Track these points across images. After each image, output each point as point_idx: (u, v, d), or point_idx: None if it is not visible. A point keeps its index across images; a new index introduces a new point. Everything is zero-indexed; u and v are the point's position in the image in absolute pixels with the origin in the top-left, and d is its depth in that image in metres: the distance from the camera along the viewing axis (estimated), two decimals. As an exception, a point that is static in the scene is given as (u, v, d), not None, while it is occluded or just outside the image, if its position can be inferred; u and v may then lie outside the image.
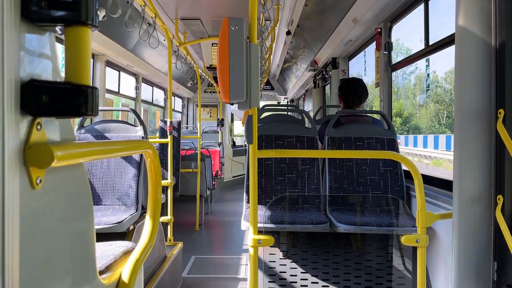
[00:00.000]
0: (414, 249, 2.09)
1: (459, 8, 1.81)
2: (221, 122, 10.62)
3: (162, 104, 9.09)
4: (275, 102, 13.10)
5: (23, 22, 0.69)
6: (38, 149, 0.71)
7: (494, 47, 1.76)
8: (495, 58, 1.76)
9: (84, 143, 0.88)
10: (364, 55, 5.00)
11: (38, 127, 0.73)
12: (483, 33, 1.78)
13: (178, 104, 10.90)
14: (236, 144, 12.62)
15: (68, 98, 0.72)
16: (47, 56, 0.78)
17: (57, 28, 0.76)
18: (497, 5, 1.75)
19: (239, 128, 15.90)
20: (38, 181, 0.73)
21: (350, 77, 5.68)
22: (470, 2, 1.78)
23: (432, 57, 3.29)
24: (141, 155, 3.14)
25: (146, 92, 8.09)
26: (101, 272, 1.17)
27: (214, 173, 8.03)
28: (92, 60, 5.06)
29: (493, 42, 1.76)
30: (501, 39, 1.73)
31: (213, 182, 7.68)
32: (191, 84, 9.10)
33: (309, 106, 9.59)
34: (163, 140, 4.66)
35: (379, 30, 4.07)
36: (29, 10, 0.68)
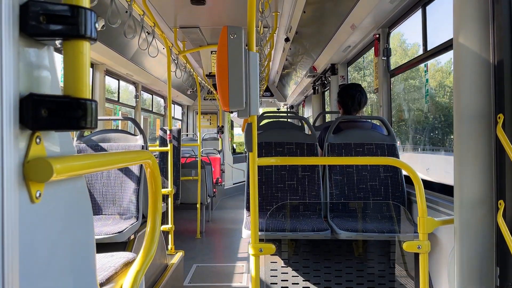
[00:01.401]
0: (416, 255, 2.08)
1: (456, 13, 1.82)
2: (221, 129, 10.62)
3: (162, 111, 9.11)
4: (274, 109, 13.12)
5: (21, 36, 0.69)
6: (38, 163, 0.70)
7: (492, 51, 1.77)
8: (493, 62, 1.77)
9: (83, 155, 0.88)
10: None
11: (37, 140, 0.73)
12: (481, 38, 1.78)
13: (178, 112, 10.91)
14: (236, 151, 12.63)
15: (67, 112, 0.72)
16: (46, 70, 0.79)
17: (56, 42, 0.76)
18: (494, 10, 1.76)
19: (239, 136, 15.91)
20: (37, 195, 0.72)
21: (349, 83, 5.69)
22: (467, 7, 1.79)
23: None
24: (141, 164, 3.14)
25: (146, 100, 8.10)
26: (102, 285, 1.16)
27: (214, 180, 8.02)
28: (91, 69, 5.08)
29: (491, 46, 1.77)
30: (499, 43, 1.74)
31: (214, 190, 7.67)
32: (190, 92, 9.12)
33: (308, 112, 9.61)
34: (163, 149, 4.66)
35: (377, 36, 4.09)
36: (28, 25, 0.69)
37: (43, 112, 0.70)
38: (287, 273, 2.85)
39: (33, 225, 0.73)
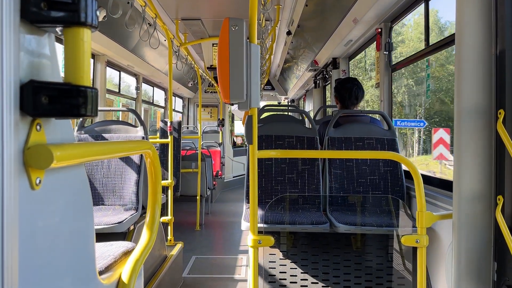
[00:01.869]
0: (414, 249, 2.09)
1: (459, 8, 1.81)
2: (221, 122, 10.62)
3: (162, 104, 9.10)
4: (275, 102, 13.11)
5: (22, 23, 0.69)
6: (38, 150, 0.71)
7: (494, 47, 1.76)
8: (495, 58, 1.76)
9: (83, 143, 0.88)
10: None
11: (38, 127, 0.73)
12: (483, 33, 1.77)
13: (178, 104, 10.91)
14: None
15: (68, 99, 0.72)
16: (47, 57, 0.78)
17: (57, 29, 0.76)
18: (497, 5, 1.75)
19: (239, 128, 15.92)
20: (37, 182, 0.73)
21: (345, 77, 5.68)
22: (470, 2, 1.78)
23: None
24: (141, 155, 3.15)
25: (147, 92, 8.09)
26: (101, 273, 1.17)
27: (214, 173, 8.03)
28: (92, 60, 5.07)
29: (493, 41, 1.76)
30: (501, 38, 1.73)
31: (214, 182, 7.68)
32: (191, 84, 9.11)
33: (309, 106, 9.60)
34: (164, 140, 4.67)
35: (379, 30, 4.07)
36: (29, 11, 0.69)
37: (44, 99, 0.70)
38: (285, 265, 2.86)
39: (33, 211, 0.73)
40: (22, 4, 0.68)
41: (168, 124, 4.35)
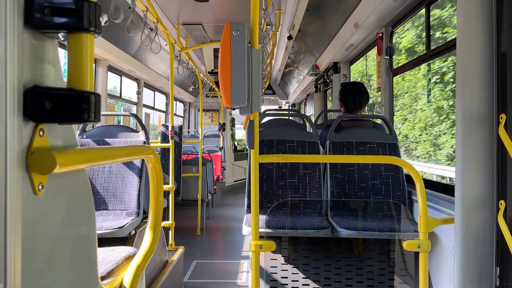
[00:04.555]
0: (416, 254, 2.08)
1: (460, 13, 1.82)
2: (222, 127, 10.63)
3: (163, 108, 9.10)
4: (276, 107, 13.12)
5: (26, 28, 0.69)
6: (41, 155, 0.71)
7: (495, 52, 1.76)
8: (496, 63, 1.76)
9: (86, 148, 0.88)
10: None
11: (41, 133, 0.73)
12: (485, 38, 1.78)
13: (179, 108, 10.92)
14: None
15: (71, 104, 0.72)
16: (50, 63, 0.79)
17: (60, 35, 0.76)
18: (498, 10, 1.75)
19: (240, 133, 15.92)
20: (40, 187, 0.73)
21: (351, 81, 5.69)
22: (471, 8, 1.79)
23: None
24: (143, 160, 3.15)
25: (148, 96, 8.10)
26: (103, 278, 1.17)
27: (215, 177, 8.01)
28: (94, 65, 5.08)
29: (495, 46, 1.77)
30: (503, 43, 1.73)
31: (215, 187, 7.67)
32: (192, 88, 9.12)
33: (310, 111, 9.61)
34: (165, 145, 4.67)
35: (380, 34, 4.08)
36: (32, 17, 0.69)
37: (47, 105, 0.70)
38: (287, 270, 2.85)
39: (35, 216, 0.73)
40: (26, 10, 0.68)
41: (170, 128, 4.35)
